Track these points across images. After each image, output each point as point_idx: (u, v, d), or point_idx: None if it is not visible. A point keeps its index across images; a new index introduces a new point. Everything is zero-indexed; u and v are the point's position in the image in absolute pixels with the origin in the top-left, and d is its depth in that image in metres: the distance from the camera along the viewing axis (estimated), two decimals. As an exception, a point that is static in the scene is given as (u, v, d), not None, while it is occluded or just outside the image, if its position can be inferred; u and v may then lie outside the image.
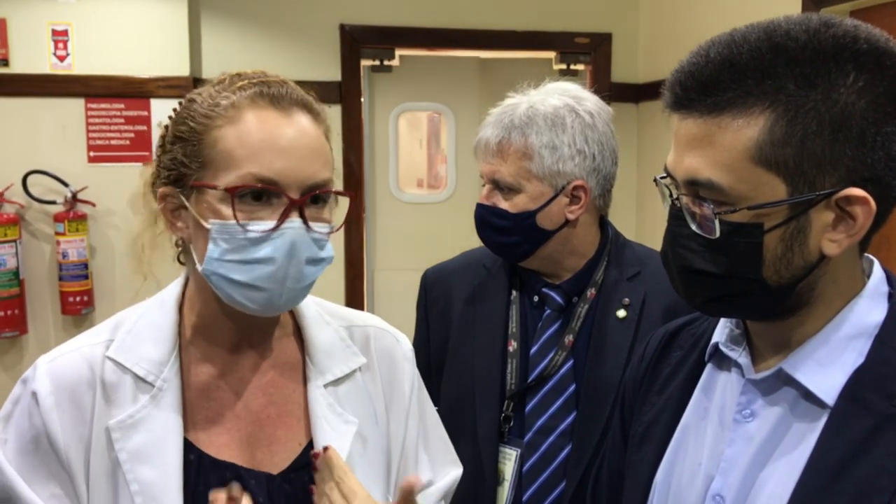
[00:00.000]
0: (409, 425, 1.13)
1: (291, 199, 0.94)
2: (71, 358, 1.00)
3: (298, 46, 3.53)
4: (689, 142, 0.82)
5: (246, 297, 0.96)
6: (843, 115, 0.76)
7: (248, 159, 0.93)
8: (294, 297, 1.00)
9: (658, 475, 0.97)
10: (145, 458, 0.96)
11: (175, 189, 0.98)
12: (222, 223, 0.94)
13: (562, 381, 1.45)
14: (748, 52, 0.78)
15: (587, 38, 3.75)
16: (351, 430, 1.04)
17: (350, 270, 3.67)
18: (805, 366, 0.85)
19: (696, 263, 0.84)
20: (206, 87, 1.00)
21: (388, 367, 1.13)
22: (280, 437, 1.04)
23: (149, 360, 1.00)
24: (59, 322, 3.34)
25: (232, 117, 0.95)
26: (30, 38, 3.22)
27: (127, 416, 0.97)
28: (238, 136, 0.94)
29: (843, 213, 0.80)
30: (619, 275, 1.49)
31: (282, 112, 0.96)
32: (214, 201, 0.94)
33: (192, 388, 1.02)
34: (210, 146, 0.95)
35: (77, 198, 3.24)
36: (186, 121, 0.97)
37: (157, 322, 1.03)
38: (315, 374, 1.06)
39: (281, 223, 0.94)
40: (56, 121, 3.27)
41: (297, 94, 0.99)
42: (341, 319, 1.14)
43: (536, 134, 1.41)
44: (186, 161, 0.96)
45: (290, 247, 0.94)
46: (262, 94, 0.96)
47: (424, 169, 4.19)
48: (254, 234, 0.93)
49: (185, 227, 0.99)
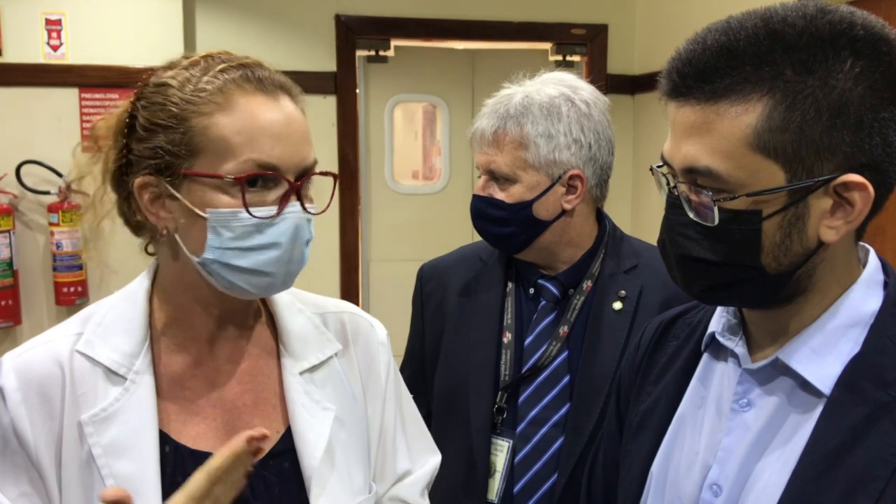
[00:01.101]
0: (385, 411, 1.13)
1: (291, 182, 0.95)
2: (38, 353, 0.98)
3: (294, 37, 3.52)
4: (686, 129, 0.82)
5: (248, 283, 0.96)
6: (841, 101, 0.76)
7: (248, 146, 0.93)
8: (291, 279, 1.00)
9: (655, 464, 0.97)
10: (121, 452, 0.95)
11: (158, 178, 0.95)
12: (226, 211, 0.93)
13: (556, 373, 1.45)
14: (745, 38, 0.78)
15: (583, 30, 3.75)
16: (329, 417, 1.04)
17: (345, 261, 3.67)
18: (801, 355, 0.85)
19: (695, 251, 0.84)
20: (176, 70, 0.97)
21: (363, 353, 1.13)
22: (256, 425, 1.03)
23: (120, 353, 0.99)
24: (53, 312, 3.33)
25: (221, 103, 0.93)
26: (23, 28, 3.19)
27: (100, 409, 0.96)
28: (233, 123, 0.93)
29: (841, 199, 0.80)
30: (616, 267, 1.48)
31: (269, 96, 0.96)
32: (212, 190, 0.93)
33: (166, 378, 1.01)
34: (200, 133, 0.93)
35: (71, 188, 3.22)
36: (166, 106, 0.94)
37: (127, 314, 1.02)
38: (290, 362, 1.06)
39: (283, 208, 0.94)
40: (50, 111, 3.25)
41: (277, 77, 0.99)
42: (314, 307, 1.14)
43: (532, 123, 1.41)
44: (173, 149, 0.94)
45: (294, 230, 0.95)
46: (247, 79, 0.96)
47: (419, 160, 4.19)
48: (257, 220, 0.93)
49: (171, 217, 0.97)
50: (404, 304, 1.68)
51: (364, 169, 3.81)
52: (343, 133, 3.59)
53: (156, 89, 0.96)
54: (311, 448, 1.02)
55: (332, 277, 3.64)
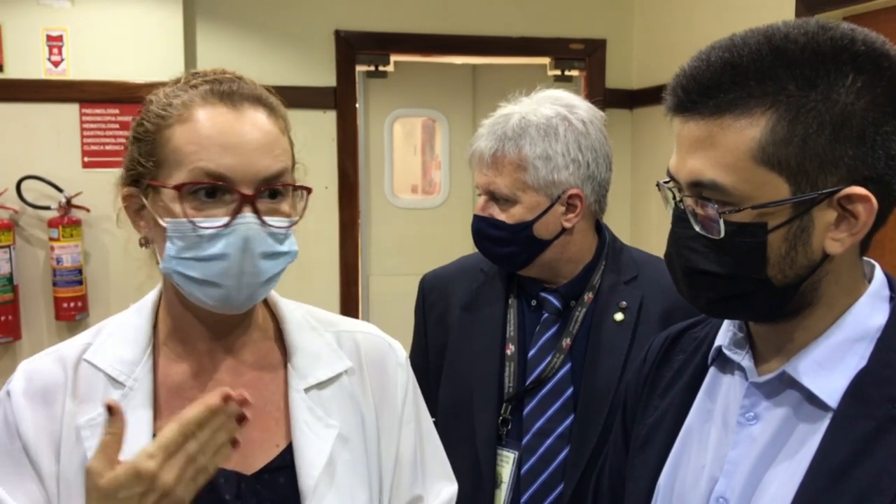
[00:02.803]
0: (402, 434, 1.11)
1: (243, 194, 0.94)
2: (47, 360, 1.03)
3: (294, 52, 3.54)
4: (691, 144, 0.83)
5: (204, 294, 0.96)
6: (843, 115, 0.78)
7: (197, 155, 0.93)
8: (253, 294, 0.98)
9: (661, 478, 0.98)
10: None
11: (135, 189, 0.99)
12: (176, 221, 0.94)
13: (559, 384, 1.46)
14: (749, 54, 0.79)
15: (582, 45, 3.77)
16: (332, 434, 1.04)
17: (345, 275, 3.67)
18: (808, 368, 0.85)
19: (701, 264, 0.85)
20: (165, 87, 1.01)
21: (378, 374, 1.12)
22: (256, 438, 1.03)
23: (121, 361, 1.01)
24: (53, 328, 3.32)
25: (181, 115, 0.95)
26: (24, 44, 3.21)
27: (97, 414, 0.97)
28: (188, 134, 0.94)
29: (845, 211, 0.80)
30: (617, 279, 1.49)
31: (231, 107, 0.96)
32: (168, 200, 0.95)
33: (165, 387, 1.03)
34: (163, 145, 0.95)
35: (71, 203, 3.23)
36: (143, 122, 0.98)
37: (134, 324, 1.05)
38: (296, 378, 1.06)
39: (233, 219, 0.93)
40: (50, 126, 3.26)
41: (248, 90, 0.98)
42: (329, 325, 1.13)
43: (530, 145, 1.42)
44: (143, 161, 0.97)
45: (242, 242, 0.94)
46: (212, 92, 0.97)
47: (419, 175, 4.20)
48: (206, 230, 0.93)
49: (147, 227, 1.00)
50: (404, 317, 1.68)
51: (364, 183, 3.81)
52: (343, 147, 3.60)
53: (143, 106, 1.00)
54: (310, 465, 1.01)
55: (331, 291, 3.64)
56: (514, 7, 3.70)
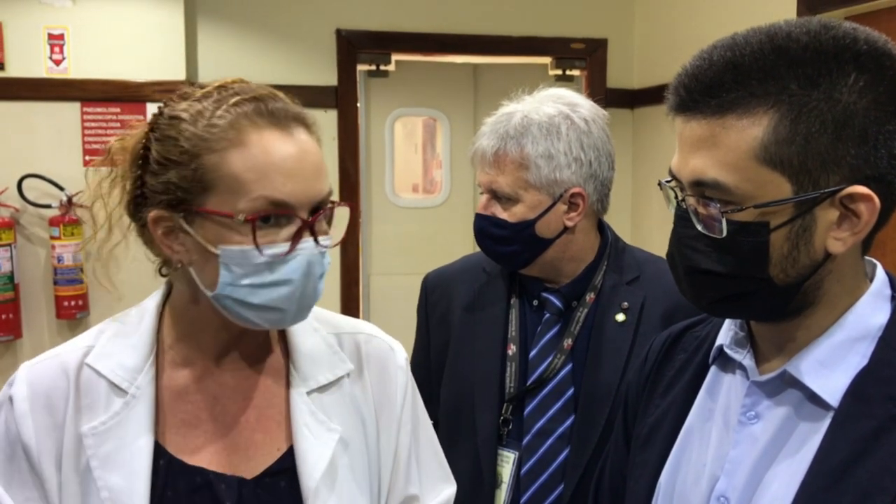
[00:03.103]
0: (400, 437, 1.11)
1: (303, 220, 0.94)
2: (49, 364, 1.01)
3: (295, 51, 3.54)
4: (693, 143, 0.83)
5: (261, 318, 0.96)
6: (846, 115, 0.78)
7: (259, 183, 0.91)
8: (305, 312, 1.00)
9: (662, 476, 0.98)
10: (115, 465, 0.96)
11: (172, 213, 0.95)
12: (236, 248, 0.92)
13: (560, 385, 1.46)
14: (751, 53, 0.79)
15: (583, 44, 3.77)
16: (333, 438, 1.03)
17: (346, 275, 3.67)
18: (809, 367, 0.85)
19: (703, 264, 0.85)
20: (189, 102, 0.96)
21: (378, 375, 1.11)
22: (258, 441, 1.03)
23: (123, 368, 1.00)
24: (53, 326, 3.33)
25: (233, 139, 0.92)
26: (26, 42, 3.21)
27: (100, 422, 0.97)
28: (244, 160, 0.92)
29: (847, 211, 0.80)
30: (619, 279, 1.49)
31: (283, 131, 0.95)
32: (223, 228, 0.93)
33: (168, 392, 1.02)
34: (212, 170, 0.92)
35: (72, 202, 3.23)
36: (178, 142, 0.94)
37: (137, 330, 1.03)
38: (298, 381, 1.05)
39: (295, 245, 0.94)
40: (52, 125, 3.26)
41: (292, 109, 0.98)
42: (331, 326, 1.13)
43: (532, 143, 1.42)
44: (185, 186, 0.93)
45: (306, 267, 0.95)
46: (260, 112, 0.94)
47: (420, 174, 4.20)
48: (269, 258, 0.93)
49: (185, 251, 0.97)
50: (405, 317, 1.68)
51: (364, 182, 3.82)
52: (344, 147, 3.60)
53: (169, 122, 0.96)
54: (311, 468, 1.01)
55: (332, 291, 3.64)
56: (515, 6, 3.70)
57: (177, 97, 0.99)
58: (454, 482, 1.18)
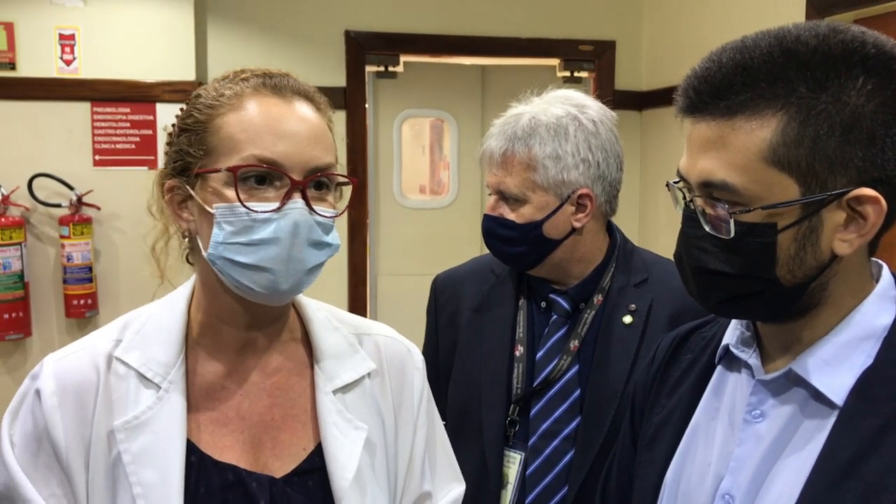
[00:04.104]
0: (416, 436, 1.12)
1: (294, 180, 0.95)
2: (77, 358, 1.00)
3: (304, 52, 3.55)
4: (702, 144, 0.84)
5: (251, 280, 0.96)
6: (853, 117, 0.78)
7: (251, 141, 0.94)
8: (299, 282, 0.98)
9: (668, 475, 0.98)
10: (149, 460, 0.96)
11: (181, 180, 0.99)
12: (227, 206, 0.95)
13: (567, 386, 1.46)
14: (760, 56, 0.80)
15: (591, 46, 3.77)
16: (361, 437, 1.04)
17: (353, 275, 3.68)
18: (814, 366, 0.86)
19: (711, 264, 0.86)
20: (212, 82, 1.03)
21: (397, 376, 1.12)
22: (284, 440, 1.03)
23: (156, 362, 1.00)
24: (63, 325, 3.35)
25: (234, 104, 0.97)
26: (37, 43, 3.23)
27: (132, 417, 0.97)
28: (240, 121, 0.96)
29: (854, 212, 0.81)
30: (626, 281, 1.49)
31: (283, 99, 0.98)
32: (219, 185, 0.95)
33: (198, 389, 1.02)
34: (214, 133, 0.96)
35: (82, 201, 3.25)
36: (193, 113, 0.99)
37: (166, 323, 1.03)
38: (323, 380, 1.05)
39: (284, 204, 0.94)
40: (62, 124, 3.29)
41: (298, 85, 1.01)
42: (351, 326, 1.13)
43: (540, 144, 1.42)
44: (192, 150, 0.97)
45: (293, 226, 0.95)
46: (264, 84, 0.98)
47: (427, 175, 4.21)
48: (258, 214, 0.94)
49: (191, 218, 1.00)
50: (412, 317, 1.69)
51: (372, 183, 3.83)
52: (352, 148, 3.61)
53: (191, 100, 1.01)
54: (343, 468, 1.01)
55: (340, 291, 3.65)
56: (523, 8, 3.71)
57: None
58: (464, 481, 1.19)
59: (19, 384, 1.02)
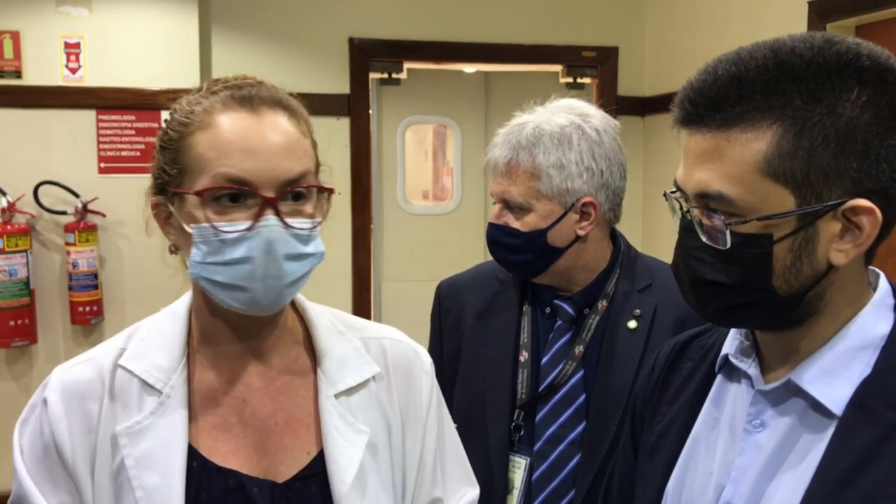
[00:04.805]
0: (426, 440, 1.11)
1: (265, 197, 0.94)
2: (83, 368, 1.02)
3: (308, 59, 3.57)
4: (698, 156, 0.84)
5: (231, 298, 0.97)
6: (848, 129, 0.79)
7: (219, 160, 0.94)
8: (279, 296, 0.98)
9: (669, 484, 0.99)
10: (151, 465, 0.97)
11: (161, 198, 1.00)
12: (200, 227, 0.95)
13: (572, 391, 1.47)
14: (755, 68, 0.81)
15: (594, 52, 3.78)
16: (363, 440, 1.04)
17: (357, 281, 3.69)
18: (813, 376, 0.86)
19: (708, 274, 0.86)
20: (187, 95, 1.02)
21: (404, 379, 1.12)
22: (287, 444, 1.03)
23: (157, 368, 1.01)
24: (68, 332, 3.36)
25: (203, 122, 0.96)
26: (43, 51, 3.26)
27: (134, 422, 0.98)
28: (209, 140, 0.95)
29: (849, 223, 0.81)
30: (631, 286, 1.50)
31: (251, 112, 0.96)
32: (191, 206, 0.95)
33: (199, 394, 1.03)
34: (185, 152, 0.96)
35: (87, 208, 3.27)
36: (168, 130, 0.99)
37: (168, 330, 1.05)
38: (326, 384, 1.05)
39: (255, 222, 0.94)
40: (67, 132, 3.31)
41: (267, 93, 0.99)
42: (357, 331, 1.13)
43: (544, 154, 1.43)
44: (167, 169, 0.98)
45: (265, 245, 0.94)
46: (232, 97, 0.97)
47: (430, 181, 4.22)
48: (229, 235, 0.94)
49: (175, 235, 1.01)
50: (416, 323, 1.69)
51: (376, 189, 3.84)
52: (356, 154, 3.63)
53: (168, 114, 1.02)
54: (343, 472, 1.01)
55: (344, 297, 3.66)
56: (526, 15, 3.72)
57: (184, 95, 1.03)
58: (477, 485, 1.18)
59: (25, 391, 1.05)
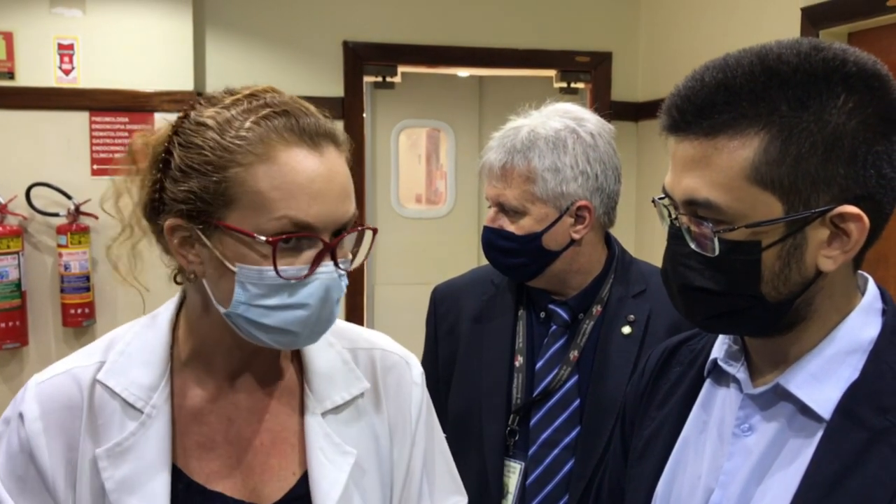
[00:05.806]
0: (413, 453, 1.09)
1: (325, 242, 0.91)
2: (61, 381, 0.97)
3: (302, 62, 3.57)
4: (686, 163, 0.85)
5: (272, 340, 0.93)
6: (835, 136, 0.79)
7: (285, 202, 0.88)
8: (318, 336, 0.97)
9: (658, 488, 0.99)
10: (133, 489, 0.93)
11: (190, 223, 0.92)
12: (254, 268, 0.90)
13: (566, 396, 1.47)
14: (742, 75, 0.81)
15: (588, 57, 3.79)
16: (348, 462, 1.00)
17: (350, 285, 3.63)
18: (801, 381, 0.86)
19: (696, 281, 0.86)
20: (216, 108, 0.92)
21: (394, 392, 1.09)
22: (273, 465, 1.00)
23: (138, 386, 0.97)
24: (60, 334, 3.34)
25: (261, 155, 0.89)
26: (36, 52, 3.25)
27: (115, 444, 0.94)
28: (271, 178, 0.88)
29: (837, 229, 0.82)
30: (625, 292, 1.50)
31: (313, 149, 0.91)
32: (242, 245, 0.90)
33: (184, 412, 0.99)
34: (237, 184, 0.89)
35: (80, 210, 3.25)
36: (203, 151, 0.90)
37: (150, 344, 1.00)
38: (313, 403, 1.02)
39: (314, 268, 0.91)
40: (60, 134, 3.29)
41: (323, 126, 0.94)
42: (346, 340, 1.10)
43: (539, 157, 1.44)
44: (206, 197, 0.89)
45: (324, 292, 0.92)
46: (290, 128, 0.91)
47: (423, 184, 4.22)
48: (287, 281, 0.90)
49: (199, 262, 0.94)
50: (409, 327, 1.69)
51: (370, 192, 3.84)
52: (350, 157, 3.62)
53: (195, 128, 0.92)
54: (325, 496, 0.98)
55: (337, 300, 3.65)
56: (520, 20, 3.73)
57: (205, 101, 0.95)
58: (465, 494, 1.17)
59: (16, 393, 1.00)
